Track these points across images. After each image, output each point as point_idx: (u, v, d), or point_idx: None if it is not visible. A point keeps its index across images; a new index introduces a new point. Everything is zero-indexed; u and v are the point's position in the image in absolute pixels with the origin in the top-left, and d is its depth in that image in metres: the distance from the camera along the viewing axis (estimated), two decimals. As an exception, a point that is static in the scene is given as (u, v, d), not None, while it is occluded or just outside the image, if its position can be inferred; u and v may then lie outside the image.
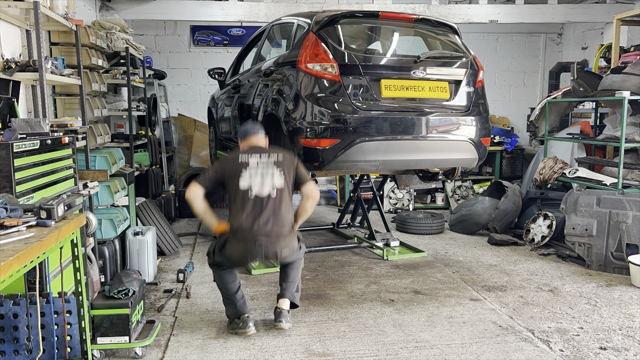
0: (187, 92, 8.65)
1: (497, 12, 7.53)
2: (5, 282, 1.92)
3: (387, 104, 3.95)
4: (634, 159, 6.09)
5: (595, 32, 8.42)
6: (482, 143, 4.25)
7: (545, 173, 6.28)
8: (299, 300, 3.72)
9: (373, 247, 5.63)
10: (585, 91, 5.97)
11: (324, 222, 7.24)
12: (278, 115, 4.11)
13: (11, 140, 2.91)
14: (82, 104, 4.49)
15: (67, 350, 2.94)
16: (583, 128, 7.23)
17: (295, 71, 3.97)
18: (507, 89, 9.36)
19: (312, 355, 3.27)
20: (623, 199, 4.99)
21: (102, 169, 4.36)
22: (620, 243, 4.86)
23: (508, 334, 3.55)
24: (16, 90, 4.02)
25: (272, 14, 6.93)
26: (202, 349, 3.36)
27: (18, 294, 2.91)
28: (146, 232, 4.74)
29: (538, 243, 5.73)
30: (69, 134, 3.62)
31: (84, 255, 3.49)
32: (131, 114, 5.99)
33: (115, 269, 4.56)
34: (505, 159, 8.34)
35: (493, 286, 4.53)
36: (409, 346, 3.38)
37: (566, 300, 4.21)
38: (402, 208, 7.92)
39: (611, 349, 3.35)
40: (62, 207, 2.51)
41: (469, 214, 6.49)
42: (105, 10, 6.88)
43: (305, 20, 4.25)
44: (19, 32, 4.22)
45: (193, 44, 8.55)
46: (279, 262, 3.73)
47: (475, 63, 4.32)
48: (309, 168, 4.03)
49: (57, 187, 3.36)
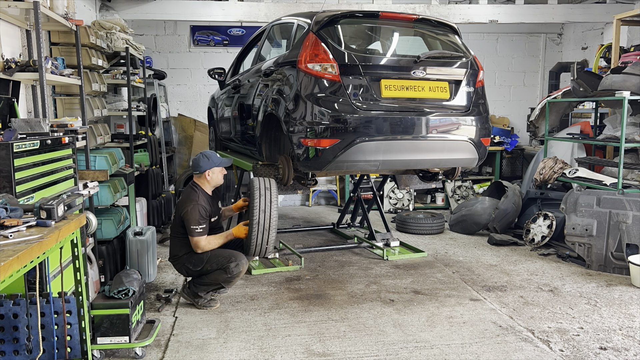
0: (187, 92, 8.65)
1: (497, 12, 7.52)
2: (5, 282, 1.92)
3: (387, 104, 3.94)
4: (634, 159, 6.09)
5: (595, 32, 8.42)
6: (482, 143, 4.25)
7: (545, 173, 6.28)
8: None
9: (373, 247, 5.63)
10: (585, 91, 5.97)
11: (324, 222, 7.25)
12: (278, 115, 4.10)
13: (11, 140, 2.90)
14: (82, 104, 4.49)
15: (67, 350, 2.94)
16: (583, 128, 7.22)
17: (295, 71, 3.97)
18: (507, 89, 9.36)
19: (312, 355, 3.27)
20: (623, 199, 4.99)
21: (102, 169, 4.35)
22: (620, 243, 4.86)
23: (508, 334, 3.55)
24: (16, 90, 4.02)
25: (272, 14, 6.93)
26: (202, 349, 3.36)
27: (18, 294, 2.91)
28: (146, 232, 4.74)
29: (538, 243, 5.73)
30: (69, 134, 3.61)
31: (84, 255, 3.50)
32: (131, 114, 5.99)
33: (115, 269, 4.56)
34: (505, 159, 8.34)
35: (493, 286, 4.53)
36: (409, 346, 3.38)
37: (566, 300, 4.21)
38: (402, 208, 7.92)
39: (611, 349, 3.35)
40: (62, 207, 2.51)
41: (469, 214, 6.49)
42: (105, 10, 6.88)
43: (305, 20, 4.24)
44: (19, 32, 4.21)
45: (193, 44, 8.55)
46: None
47: (475, 63, 4.31)
48: (309, 168, 4.03)
49: (57, 187, 3.36)
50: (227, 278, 3.91)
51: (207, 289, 4.02)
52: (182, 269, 4.09)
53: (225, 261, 3.91)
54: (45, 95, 3.71)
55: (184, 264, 4.03)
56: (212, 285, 3.99)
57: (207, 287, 4.00)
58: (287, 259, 5.25)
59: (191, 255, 3.99)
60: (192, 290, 4.06)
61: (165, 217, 6.81)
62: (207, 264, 3.94)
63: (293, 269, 4.99)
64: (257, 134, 4.65)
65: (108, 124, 6.39)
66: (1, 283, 1.88)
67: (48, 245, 2.24)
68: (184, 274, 4.13)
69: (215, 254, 3.97)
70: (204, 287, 4.00)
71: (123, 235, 4.72)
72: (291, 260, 5.20)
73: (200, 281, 4.01)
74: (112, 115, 6.29)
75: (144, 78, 6.74)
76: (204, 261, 3.95)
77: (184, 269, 4.06)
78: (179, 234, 4.05)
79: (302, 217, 7.66)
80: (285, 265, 5.05)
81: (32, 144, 3.04)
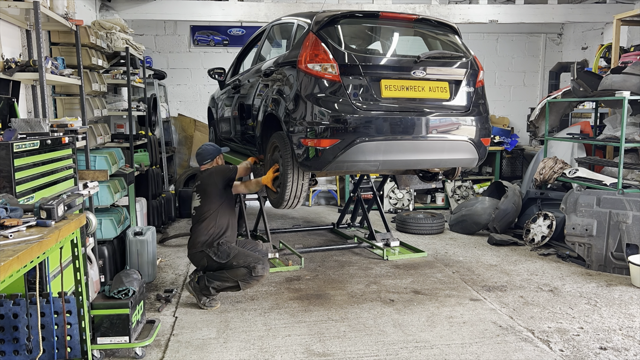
0: (187, 92, 8.65)
1: (497, 12, 7.52)
2: (5, 282, 1.92)
3: (387, 104, 3.94)
4: (634, 159, 6.09)
5: (595, 32, 8.42)
6: (482, 143, 4.24)
7: (545, 173, 6.28)
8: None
9: (373, 247, 5.63)
10: (585, 91, 5.96)
11: (324, 222, 7.25)
12: (278, 115, 4.10)
13: (11, 140, 2.90)
14: (82, 104, 4.49)
15: (67, 350, 2.94)
16: (583, 128, 7.22)
17: (295, 71, 3.96)
18: (507, 89, 9.36)
19: (312, 355, 3.27)
20: (623, 199, 4.99)
21: (102, 169, 4.36)
22: (620, 243, 4.86)
23: (508, 334, 3.55)
24: (16, 90, 4.02)
25: (272, 14, 6.93)
26: (202, 349, 3.36)
27: (18, 294, 2.91)
28: (146, 232, 4.74)
29: (538, 243, 5.73)
30: (69, 134, 3.61)
31: (84, 255, 3.50)
32: (131, 114, 5.99)
33: (115, 269, 4.56)
34: (505, 159, 8.34)
35: (493, 286, 4.53)
36: (409, 346, 3.38)
37: (566, 300, 4.21)
38: (402, 208, 7.92)
39: (611, 349, 3.35)
40: (62, 207, 2.51)
41: (469, 214, 6.49)
42: (105, 10, 6.88)
43: (305, 20, 4.24)
44: (19, 32, 4.21)
45: (193, 44, 8.55)
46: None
47: (475, 63, 4.31)
48: (309, 168, 4.03)
49: (57, 187, 3.36)
50: (249, 278, 3.92)
51: (222, 285, 3.97)
52: (202, 259, 4.03)
53: (253, 261, 3.94)
54: (45, 95, 3.71)
55: (207, 253, 3.99)
56: (228, 282, 3.95)
57: (222, 283, 3.96)
58: (287, 259, 5.25)
59: (219, 247, 3.98)
60: (203, 284, 3.99)
61: (165, 217, 6.81)
62: (234, 259, 3.95)
63: (293, 269, 4.99)
64: (257, 134, 4.65)
65: (108, 124, 6.39)
66: (1, 283, 1.88)
67: (48, 245, 2.24)
68: (203, 264, 4.05)
69: (243, 252, 4.02)
70: (219, 282, 3.96)
71: (123, 235, 4.72)
72: (291, 260, 5.21)
73: (217, 275, 3.97)
74: (112, 115, 6.29)
75: (144, 78, 6.74)
76: (231, 256, 3.96)
77: (205, 259, 4.01)
78: (206, 212, 4.06)
79: (302, 217, 7.66)
80: (285, 265, 5.05)
81: (32, 144, 3.04)
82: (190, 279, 4.18)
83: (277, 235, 6.26)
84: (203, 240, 4.03)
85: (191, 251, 4.12)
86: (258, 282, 3.99)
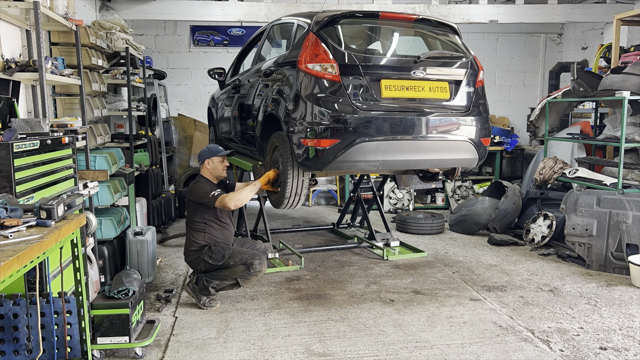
0: (187, 92, 8.65)
1: (497, 12, 7.52)
2: (5, 282, 1.92)
3: (387, 104, 3.94)
4: (634, 159, 6.09)
5: (595, 32, 8.42)
6: (482, 143, 4.24)
7: (545, 173, 6.28)
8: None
9: (373, 247, 5.63)
10: (585, 91, 5.96)
11: (324, 222, 7.25)
12: (278, 115, 4.10)
13: (11, 140, 2.90)
14: (82, 104, 4.49)
15: (67, 350, 2.94)
16: (583, 128, 7.22)
17: (295, 71, 3.96)
18: (507, 89, 9.36)
19: (312, 355, 3.27)
20: (623, 199, 4.99)
21: (102, 169, 4.36)
22: (620, 243, 4.86)
23: (508, 334, 3.55)
24: (16, 90, 4.02)
25: (272, 14, 6.93)
26: (202, 349, 3.36)
27: (18, 294, 2.91)
28: (146, 232, 4.74)
29: (538, 243, 5.73)
30: (69, 134, 3.62)
31: (84, 255, 3.50)
32: (131, 114, 5.99)
33: (115, 269, 4.57)
34: (505, 159, 8.34)
35: (493, 286, 4.53)
36: (409, 346, 3.38)
37: (566, 300, 4.21)
38: (402, 208, 7.92)
39: (611, 349, 3.35)
40: (62, 207, 2.51)
41: (469, 214, 6.49)
42: (105, 10, 6.88)
43: (305, 20, 4.24)
44: (19, 32, 4.21)
45: (193, 44, 8.55)
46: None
47: (475, 63, 4.31)
48: (309, 168, 4.03)
49: (57, 187, 3.36)
50: (247, 274, 3.94)
51: (221, 284, 3.98)
52: (199, 264, 4.06)
53: (249, 257, 3.96)
54: (45, 95, 3.71)
55: (202, 257, 4.01)
56: (227, 281, 3.97)
57: (222, 282, 3.98)
58: (287, 259, 5.25)
59: (211, 249, 4.01)
60: (202, 284, 4.01)
61: (165, 217, 6.81)
62: (230, 259, 3.97)
63: (293, 269, 4.99)
64: (257, 134, 4.65)
65: (108, 124, 6.39)
66: (1, 283, 1.88)
67: (48, 245, 2.24)
68: (201, 269, 4.07)
69: (239, 250, 4.04)
70: (218, 281, 3.97)
71: (123, 235, 4.72)
72: (291, 260, 5.21)
73: (216, 275, 3.99)
74: (112, 115, 6.29)
75: (144, 78, 6.74)
76: (226, 256, 3.97)
77: (202, 264, 4.04)
78: (196, 223, 4.08)
79: (302, 217, 7.66)
80: (285, 265, 5.05)
81: (32, 144, 3.04)
82: (189, 280, 4.19)
83: (277, 235, 6.26)
84: (195, 249, 4.08)
85: (187, 258, 4.16)
86: (257, 277, 4.01)
